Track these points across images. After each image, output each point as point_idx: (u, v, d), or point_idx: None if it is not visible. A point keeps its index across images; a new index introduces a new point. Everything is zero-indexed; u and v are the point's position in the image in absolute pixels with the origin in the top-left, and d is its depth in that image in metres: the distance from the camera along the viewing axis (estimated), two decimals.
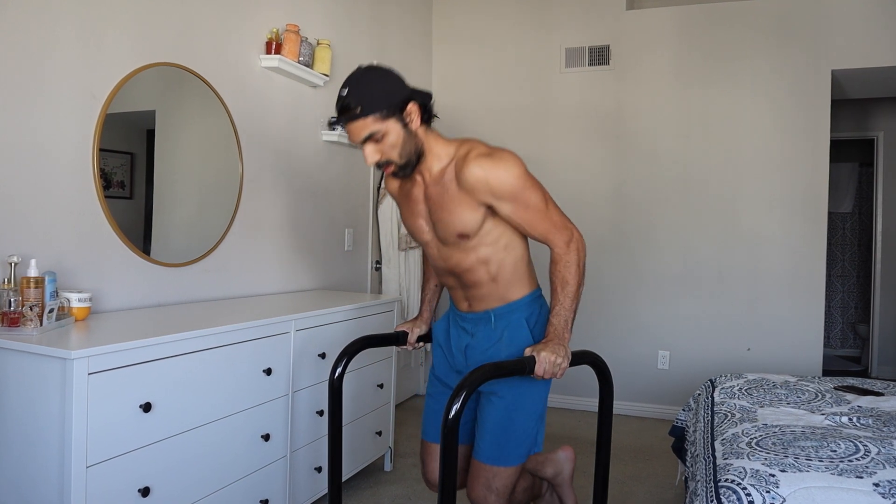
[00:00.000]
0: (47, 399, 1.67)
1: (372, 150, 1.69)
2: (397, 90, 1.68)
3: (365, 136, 1.67)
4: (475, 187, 1.68)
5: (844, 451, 1.90)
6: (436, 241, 1.84)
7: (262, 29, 3.05)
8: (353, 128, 1.67)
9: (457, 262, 1.82)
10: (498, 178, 1.67)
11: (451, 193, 1.73)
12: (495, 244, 1.78)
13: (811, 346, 4.06)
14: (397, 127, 1.67)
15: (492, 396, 1.84)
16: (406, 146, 1.70)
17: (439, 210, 1.76)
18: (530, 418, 1.84)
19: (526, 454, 1.87)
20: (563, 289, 1.73)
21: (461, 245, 1.78)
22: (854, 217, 6.84)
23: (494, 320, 1.84)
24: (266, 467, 2.35)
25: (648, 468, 3.42)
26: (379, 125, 1.65)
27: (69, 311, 2.03)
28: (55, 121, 2.14)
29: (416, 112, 1.70)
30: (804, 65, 4.07)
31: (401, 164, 1.72)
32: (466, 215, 1.72)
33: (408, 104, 1.68)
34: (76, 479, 1.65)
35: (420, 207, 1.82)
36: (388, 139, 1.67)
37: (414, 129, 1.71)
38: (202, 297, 2.75)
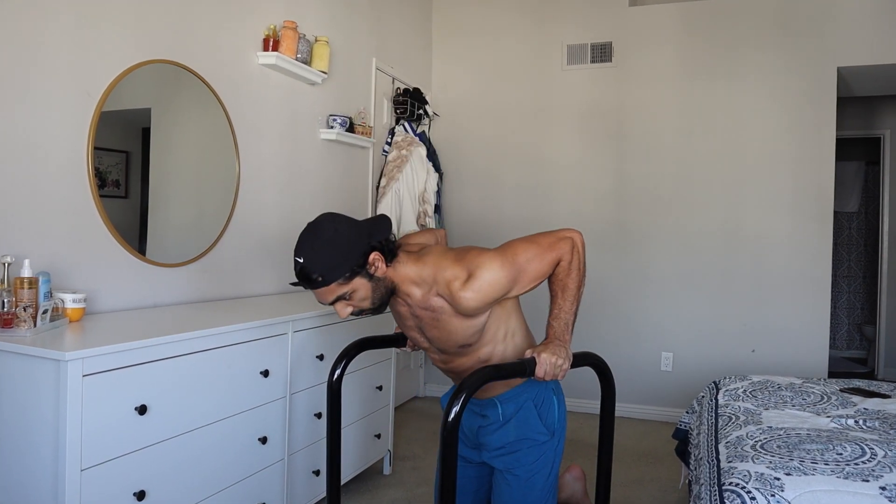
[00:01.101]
0: (41, 401, 1.67)
1: (343, 307, 1.69)
2: (354, 248, 1.64)
3: (334, 300, 1.67)
4: (479, 308, 1.69)
5: (850, 454, 1.90)
6: (435, 350, 1.86)
7: (260, 25, 3.05)
8: (319, 293, 1.67)
9: (458, 364, 1.85)
10: (491, 286, 1.66)
11: (447, 315, 1.72)
12: (494, 339, 1.80)
13: (816, 348, 4.06)
14: (363, 282, 1.66)
15: (506, 474, 1.86)
16: (376, 293, 1.69)
17: (435, 329, 1.77)
18: (544, 492, 1.87)
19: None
20: (562, 292, 1.74)
21: (462, 352, 1.81)
22: (860, 216, 6.83)
23: (501, 406, 1.86)
24: (263, 470, 2.35)
25: (651, 471, 3.42)
26: (344, 287, 1.65)
27: (63, 311, 2.03)
28: (49, 119, 2.13)
29: (379, 260, 1.67)
30: (809, 62, 4.07)
31: (374, 308, 1.72)
32: (469, 329, 1.74)
33: (368, 256, 1.65)
34: (70, 483, 1.65)
35: (410, 323, 1.83)
36: (357, 295, 1.67)
37: (381, 275, 1.69)
38: (198, 298, 2.75)
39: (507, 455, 1.86)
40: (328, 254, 1.62)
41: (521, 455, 1.84)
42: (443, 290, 1.68)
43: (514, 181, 4.65)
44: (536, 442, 1.84)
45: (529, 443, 1.84)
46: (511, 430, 1.85)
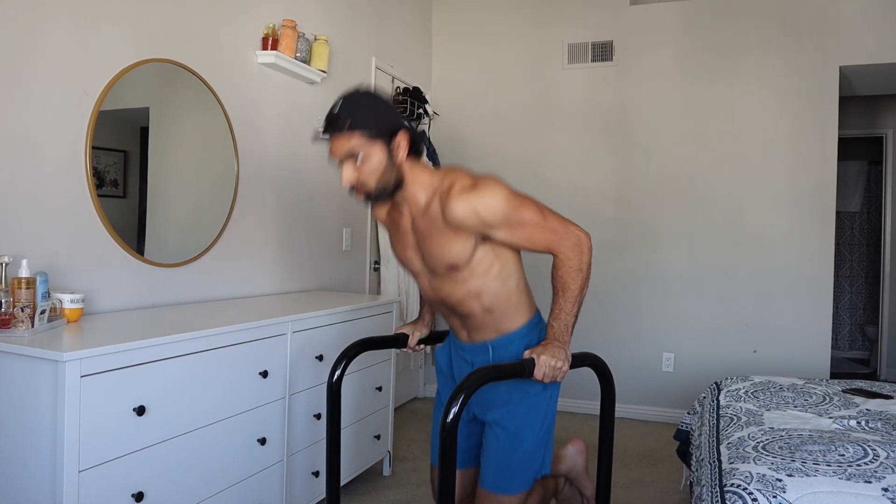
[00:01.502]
0: (39, 402, 1.67)
1: (349, 172, 1.67)
2: (390, 117, 1.67)
3: (346, 153, 1.65)
4: (463, 222, 1.66)
5: (853, 455, 1.90)
6: (426, 272, 1.83)
7: (259, 24, 3.05)
8: (336, 142, 1.65)
9: (447, 293, 1.81)
10: (486, 207, 1.64)
11: (437, 226, 1.71)
12: (486, 274, 1.76)
13: (819, 349, 4.06)
14: (381, 153, 1.66)
15: (495, 427, 1.84)
16: (385, 175, 1.68)
17: (427, 242, 1.75)
18: (534, 446, 1.84)
19: (531, 479, 1.87)
20: (563, 292, 1.72)
21: (451, 277, 1.77)
22: (862, 216, 6.83)
23: (492, 352, 1.83)
24: (262, 472, 2.35)
25: (652, 473, 3.42)
26: (363, 145, 1.63)
27: (61, 312, 2.03)
28: (47, 118, 2.14)
29: (404, 144, 1.68)
30: (812, 61, 4.07)
31: (374, 192, 1.70)
32: (456, 247, 1.71)
33: (397, 134, 1.67)
34: (68, 484, 1.65)
35: (408, 238, 1.81)
36: (369, 163, 1.65)
37: (398, 160, 1.68)
38: (197, 298, 2.75)
39: (498, 408, 1.82)
40: (366, 106, 1.65)
41: (513, 407, 1.81)
42: (443, 194, 1.68)
43: (514, 181, 4.56)
44: (528, 394, 1.80)
45: (521, 395, 1.80)
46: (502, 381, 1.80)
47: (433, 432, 2.02)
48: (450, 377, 1.98)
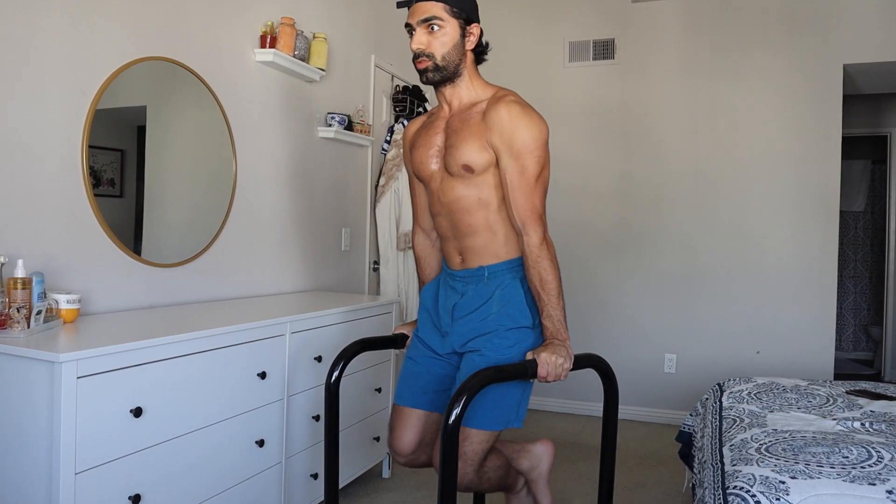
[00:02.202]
0: (35, 404, 1.67)
1: (422, 36, 1.77)
2: (473, 5, 1.82)
3: (425, 18, 1.75)
4: (494, 126, 1.74)
5: (857, 457, 1.90)
6: (441, 172, 1.85)
7: (257, 22, 3.05)
8: (419, 5, 1.76)
9: (456, 197, 1.81)
10: (518, 127, 1.73)
11: (471, 124, 1.78)
12: (496, 190, 1.79)
13: (822, 349, 4.06)
14: (456, 31, 1.78)
15: (474, 355, 1.79)
16: (452, 53, 1.78)
17: (454, 136, 1.81)
18: (514, 384, 1.78)
19: (503, 422, 1.80)
20: (544, 288, 1.72)
21: (465, 178, 1.79)
22: (867, 216, 6.84)
23: (488, 276, 1.81)
24: (260, 474, 2.35)
25: (655, 475, 3.42)
26: (443, 15, 1.75)
27: (57, 312, 2.03)
28: (42, 117, 2.13)
29: (476, 34, 1.82)
30: (815, 59, 4.07)
31: (439, 65, 1.79)
32: (475, 149, 1.76)
33: (473, 24, 1.81)
34: (64, 487, 1.65)
35: (436, 139, 1.87)
36: (442, 35, 1.76)
37: (467, 47, 1.81)
38: (194, 299, 2.75)
39: (481, 336, 1.79)
40: None
41: (496, 336, 1.77)
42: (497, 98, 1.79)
43: None
44: (517, 324, 1.77)
45: (510, 323, 1.76)
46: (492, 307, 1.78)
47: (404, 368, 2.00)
48: (433, 311, 1.95)
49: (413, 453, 1.98)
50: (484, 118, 1.77)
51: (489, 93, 1.84)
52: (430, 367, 1.95)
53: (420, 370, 1.96)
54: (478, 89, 1.85)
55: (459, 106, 1.85)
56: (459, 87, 1.85)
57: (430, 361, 1.94)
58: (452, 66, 1.80)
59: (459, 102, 1.85)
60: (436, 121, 1.90)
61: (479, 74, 1.89)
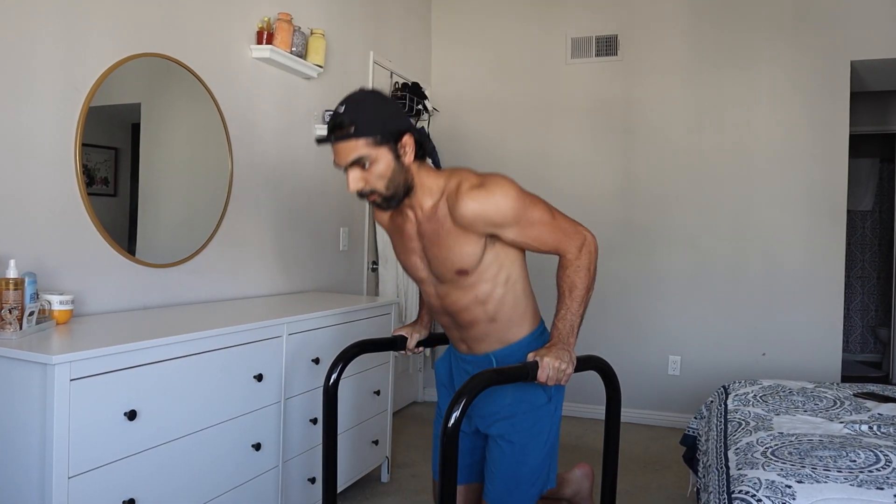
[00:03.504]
0: (27, 406, 1.67)
1: (356, 177, 1.66)
2: (396, 119, 1.67)
3: (352, 160, 1.64)
4: (473, 222, 1.67)
5: (864, 461, 1.90)
6: (432, 279, 1.83)
7: (253, 18, 3.05)
8: (341, 148, 1.64)
9: (454, 300, 1.81)
10: (495, 206, 1.65)
11: (446, 229, 1.71)
12: (494, 279, 1.77)
13: (829, 351, 4.06)
14: (389, 157, 1.65)
15: (499, 440, 1.83)
16: (395, 178, 1.67)
17: (435, 247, 1.75)
18: (540, 460, 1.84)
19: (537, 494, 1.87)
20: (570, 293, 1.73)
21: (459, 282, 1.77)
22: (874, 215, 6.83)
23: (496, 363, 1.83)
24: (257, 478, 2.35)
25: (658, 479, 3.42)
26: (370, 150, 1.63)
27: (50, 314, 2.03)
28: (35, 114, 2.13)
29: (410, 145, 1.68)
30: (822, 55, 4.07)
31: (386, 195, 1.69)
32: (466, 250, 1.71)
33: (404, 135, 1.66)
34: (57, 491, 1.65)
35: (414, 244, 1.81)
36: (377, 168, 1.65)
37: (406, 162, 1.68)
38: (190, 300, 2.75)
39: (502, 420, 1.82)
40: (371, 109, 1.64)
41: (517, 420, 1.81)
42: (450, 194, 1.69)
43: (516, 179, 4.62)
44: (533, 406, 1.80)
45: (526, 406, 1.80)
46: (507, 392, 1.81)
47: (434, 446, 2.01)
48: (451, 389, 1.98)
49: None
50: (454, 219, 1.68)
51: (441, 184, 1.73)
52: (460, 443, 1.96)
53: None
54: (432, 189, 1.73)
55: (423, 211, 1.75)
56: (416, 196, 1.74)
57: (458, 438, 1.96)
58: (402, 188, 1.70)
59: (422, 208, 1.75)
60: (405, 223, 1.81)
61: (429, 169, 1.76)
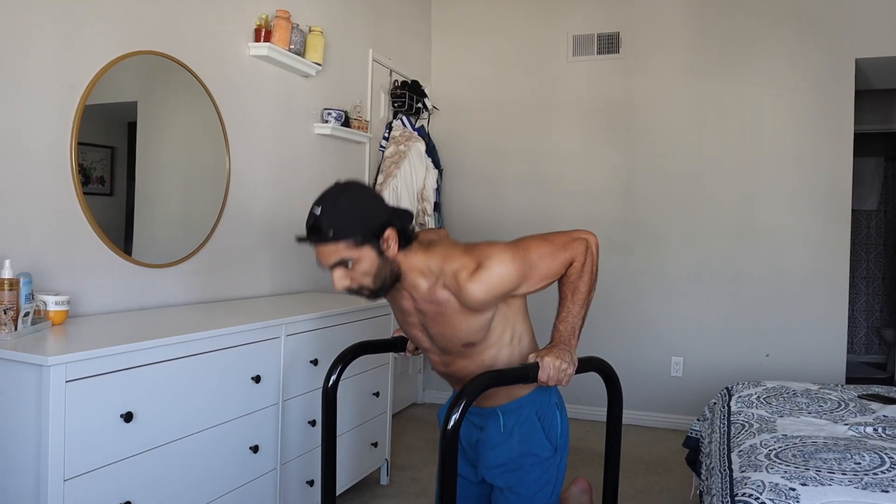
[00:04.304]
0: (22, 408, 1.67)
1: (341, 276, 1.65)
2: (374, 215, 1.64)
3: (335, 262, 1.64)
4: (485, 302, 1.68)
5: (869, 463, 1.90)
6: (437, 350, 1.85)
7: (251, 15, 3.05)
8: (322, 251, 1.63)
9: (460, 367, 1.83)
10: (500, 280, 1.66)
11: (452, 309, 1.71)
12: (500, 342, 1.78)
13: (834, 352, 4.06)
14: (372, 254, 1.64)
15: (507, 492, 1.85)
16: (380, 273, 1.67)
17: (439, 325, 1.75)
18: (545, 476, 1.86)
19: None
20: (573, 295, 1.74)
21: (465, 353, 1.79)
22: (879, 215, 6.83)
23: (503, 417, 1.84)
24: (255, 480, 2.35)
25: (661, 481, 3.42)
26: (351, 252, 1.62)
27: (46, 314, 2.03)
28: (30, 113, 2.13)
29: (393, 238, 1.65)
30: (827, 53, 4.07)
31: (374, 290, 1.69)
32: (475, 326, 1.72)
33: (385, 230, 1.64)
34: (53, 493, 1.65)
35: (413, 319, 1.82)
36: (361, 266, 1.64)
37: (391, 256, 1.67)
38: (187, 300, 2.75)
39: (509, 473, 1.85)
40: (347, 211, 1.62)
41: (524, 473, 1.84)
42: (449, 282, 1.67)
43: (516, 178, 4.65)
44: (539, 458, 1.83)
45: (532, 459, 1.83)
46: (514, 445, 1.84)
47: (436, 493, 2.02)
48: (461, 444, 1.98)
49: None
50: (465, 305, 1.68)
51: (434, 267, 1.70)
52: (466, 491, 1.98)
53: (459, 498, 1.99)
54: (425, 271, 1.71)
55: (419, 294, 1.74)
56: (408, 281, 1.73)
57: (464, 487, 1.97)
58: (389, 280, 1.69)
59: (417, 291, 1.74)
60: (401, 299, 1.80)
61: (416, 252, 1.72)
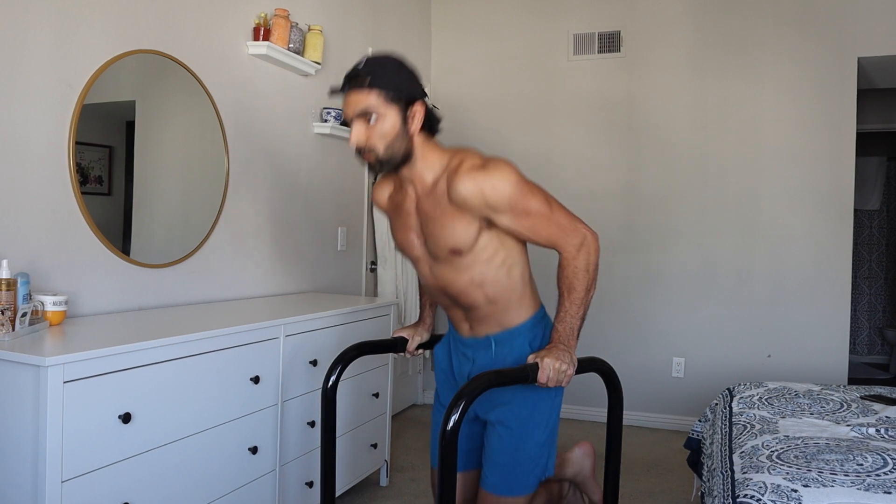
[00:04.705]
0: (20, 409, 1.67)
1: (360, 131, 1.69)
2: (412, 85, 1.71)
3: (360, 111, 1.67)
4: (469, 202, 1.67)
5: (871, 464, 1.90)
6: (427, 258, 1.83)
7: (250, 14, 3.05)
8: (352, 98, 1.68)
9: (449, 281, 1.80)
10: (493, 189, 1.66)
11: (442, 207, 1.72)
12: (490, 262, 1.76)
13: (836, 353, 4.06)
14: (396, 118, 1.68)
15: (498, 426, 1.83)
16: (396, 142, 1.69)
17: (430, 224, 1.75)
18: (539, 446, 1.84)
19: (535, 482, 1.87)
20: (569, 294, 1.72)
21: (454, 263, 1.76)
22: (882, 214, 6.83)
23: (495, 347, 1.83)
24: (254, 482, 2.35)
25: (662, 483, 3.42)
26: (380, 105, 1.66)
27: (43, 315, 2.03)
28: (28, 112, 2.13)
29: (419, 114, 1.71)
30: (829, 51, 4.07)
31: (382, 158, 1.71)
32: (459, 230, 1.71)
33: (415, 103, 1.70)
34: (51, 495, 1.65)
35: (411, 220, 1.82)
36: (382, 125, 1.67)
37: (411, 130, 1.71)
38: (185, 301, 2.75)
39: (501, 406, 1.82)
40: (389, 68, 1.70)
41: (516, 406, 1.81)
42: (451, 172, 1.71)
43: None
44: (533, 391, 1.80)
45: (526, 392, 1.80)
46: None
47: (433, 433, 2.02)
48: (449, 374, 1.98)
49: None
50: (451, 197, 1.70)
51: (444, 161, 1.75)
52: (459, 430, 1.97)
53: None
54: (434, 165, 1.75)
55: (423, 186, 1.77)
56: (416, 168, 1.76)
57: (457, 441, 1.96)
58: (399, 154, 1.71)
59: (422, 183, 1.77)
60: (405, 199, 1.83)
61: (434, 145, 1.79)
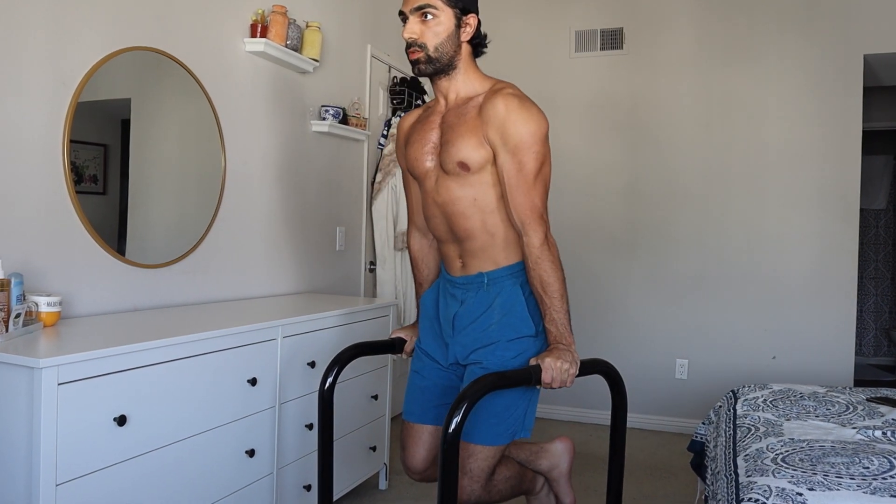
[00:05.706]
0: (13, 411, 1.67)
1: (415, 24, 1.78)
2: None
3: (418, 6, 1.76)
4: (490, 120, 1.74)
5: (878, 467, 1.90)
6: (436, 169, 1.86)
7: (247, 10, 3.05)
8: None
9: (451, 197, 1.82)
10: (514, 121, 1.72)
11: (467, 119, 1.79)
12: (493, 189, 1.79)
13: (841, 355, 4.06)
14: (450, 23, 1.79)
15: (475, 367, 1.80)
16: (446, 45, 1.79)
17: (450, 132, 1.82)
18: (517, 395, 1.81)
19: (509, 436, 1.83)
20: (546, 291, 1.72)
21: (460, 178, 1.80)
22: (888, 214, 6.83)
23: (487, 283, 1.82)
24: (251, 485, 2.35)
25: (665, 486, 3.42)
26: (439, 4, 1.76)
27: (37, 316, 2.03)
28: (21, 110, 2.13)
29: (472, 26, 1.83)
30: (834, 48, 4.07)
31: (431, 56, 1.80)
32: (471, 145, 1.77)
33: (470, 14, 1.82)
34: (45, 498, 1.65)
35: (430, 135, 1.88)
36: (436, 25, 1.77)
37: (462, 38, 1.82)
38: (181, 301, 2.75)
39: (483, 348, 1.80)
40: None
41: (499, 348, 1.79)
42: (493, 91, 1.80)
43: None
44: (518, 334, 1.79)
45: (512, 334, 1.79)
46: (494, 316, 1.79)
47: (410, 383, 2.02)
48: (434, 320, 1.98)
49: (426, 470, 2.02)
50: (480, 112, 1.77)
51: (487, 86, 1.85)
52: (436, 379, 1.96)
53: (427, 384, 1.98)
54: (475, 83, 1.86)
55: (456, 100, 1.86)
56: (455, 80, 1.86)
57: (435, 374, 1.96)
58: (446, 58, 1.81)
59: (456, 96, 1.86)
60: (431, 115, 1.91)
61: (477, 67, 1.90)
